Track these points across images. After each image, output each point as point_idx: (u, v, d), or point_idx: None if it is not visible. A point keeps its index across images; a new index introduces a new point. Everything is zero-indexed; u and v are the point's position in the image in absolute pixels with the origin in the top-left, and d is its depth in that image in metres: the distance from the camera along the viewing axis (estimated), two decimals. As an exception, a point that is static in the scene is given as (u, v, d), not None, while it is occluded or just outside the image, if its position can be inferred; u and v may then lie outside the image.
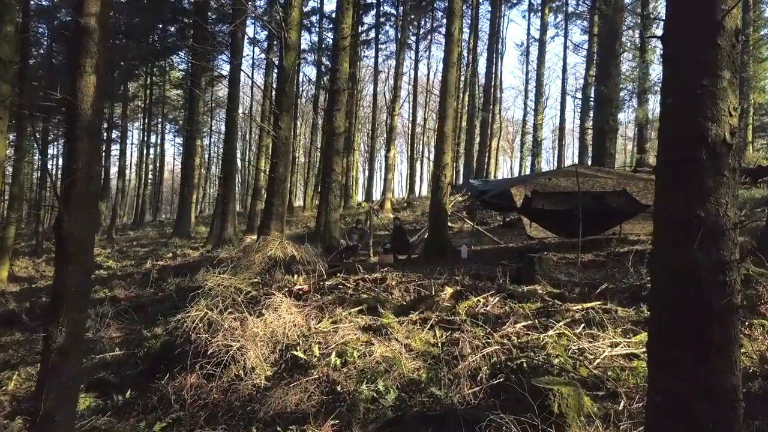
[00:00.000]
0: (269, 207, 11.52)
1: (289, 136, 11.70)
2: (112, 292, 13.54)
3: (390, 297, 6.88)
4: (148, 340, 7.92)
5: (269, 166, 11.82)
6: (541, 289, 7.25)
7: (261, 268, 7.26)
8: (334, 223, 13.82)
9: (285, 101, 11.55)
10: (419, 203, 24.47)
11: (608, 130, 13.16)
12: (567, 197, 10.05)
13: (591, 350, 5.38)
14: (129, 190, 51.74)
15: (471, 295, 6.97)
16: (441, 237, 11.05)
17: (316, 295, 7.25)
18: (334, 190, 13.75)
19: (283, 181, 11.54)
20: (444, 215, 11.13)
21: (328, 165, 13.83)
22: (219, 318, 6.40)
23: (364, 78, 43.60)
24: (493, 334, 5.90)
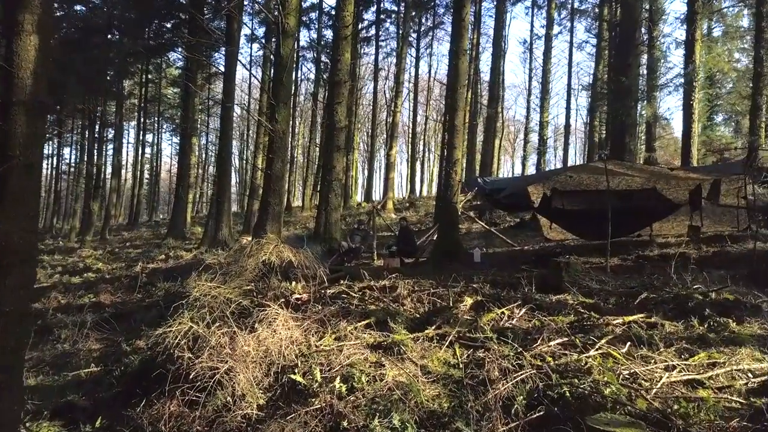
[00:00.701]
0: (265, 206, 10.65)
1: (287, 130, 10.83)
2: (97, 297, 12.68)
3: (401, 309, 6.02)
4: (128, 355, 7.05)
5: (265, 162, 10.96)
6: (572, 299, 6.40)
7: (254, 274, 6.39)
8: (335, 224, 12.95)
9: (282, 92, 10.69)
10: (422, 203, 23.63)
11: (628, 124, 12.31)
12: (590, 196, 9.22)
13: (644, 375, 4.52)
14: (125, 190, 50.79)
15: (493, 306, 6.11)
16: (452, 239, 10.19)
17: (316, 306, 6.38)
18: (334, 188, 12.88)
19: (280, 178, 10.68)
20: (455, 215, 10.28)
21: (328, 162, 12.96)
22: (205, 332, 5.54)
23: (364, 76, 42.80)
24: (523, 354, 5.03)
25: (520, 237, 12.53)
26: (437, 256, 10.10)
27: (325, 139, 13.46)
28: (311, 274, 7.16)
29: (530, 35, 34.36)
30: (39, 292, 13.85)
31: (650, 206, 8.83)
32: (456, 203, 10.20)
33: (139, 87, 39.90)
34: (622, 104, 12.23)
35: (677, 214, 9.20)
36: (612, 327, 5.56)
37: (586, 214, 9.24)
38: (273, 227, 10.58)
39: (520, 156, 51.81)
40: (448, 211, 10.19)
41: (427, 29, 39.00)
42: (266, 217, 10.56)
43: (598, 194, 8.98)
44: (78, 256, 23.41)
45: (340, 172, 13.20)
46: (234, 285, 6.11)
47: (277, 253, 6.20)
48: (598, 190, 9.06)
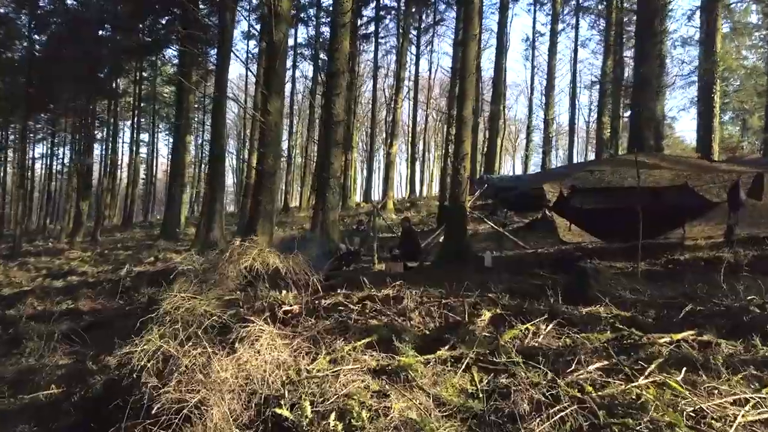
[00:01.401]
0: (256, 205, 9.78)
1: (280, 122, 9.95)
2: (76, 303, 11.80)
3: (408, 324, 5.13)
4: (94, 375, 6.16)
5: (256, 157, 10.08)
6: (605, 312, 5.52)
7: (237, 283, 5.51)
8: (333, 224, 12.07)
9: (275, 81, 9.82)
10: (423, 203, 22.76)
11: (647, 118, 11.45)
12: (613, 194, 8.36)
13: (713, 412, 3.64)
14: (120, 190, 49.84)
15: (515, 320, 5.23)
16: (460, 241, 9.32)
17: (308, 320, 5.50)
18: (332, 186, 12.00)
19: (272, 174, 9.80)
20: (463, 215, 9.40)
21: (325, 158, 12.09)
22: (177, 351, 4.66)
23: (363, 74, 41.95)
24: (557, 381, 4.15)
25: (532, 239, 11.66)
26: (444, 259, 9.23)
27: (322, 134, 12.56)
28: (303, 282, 6.27)
29: (533, 32, 33.55)
30: (16, 298, 12.98)
31: (682, 204, 7.96)
32: (465, 202, 9.33)
33: (133, 85, 39.04)
34: (641, 96, 11.36)
35: (711, 214, 8.33)
36: (658, 347, 4.68)
37: (609, 213, 8.39)
38: (264, 228, 9.71)
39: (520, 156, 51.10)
40: (456, 210, 9.32)
41: (428, 26, 38.20)
42: (257, 217, 9.69)
43: (622, 192, 8.12)
44: (66, 257, 22.55)
45: (338, 170, 12.32)
46: (212, 296, 5.23)
47: (262, 259, 5.31)
48: (623, 188, 8.20)
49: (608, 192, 8.37)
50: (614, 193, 8.27)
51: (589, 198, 8.46)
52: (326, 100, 12.21)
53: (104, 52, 29.76)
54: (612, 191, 8.37)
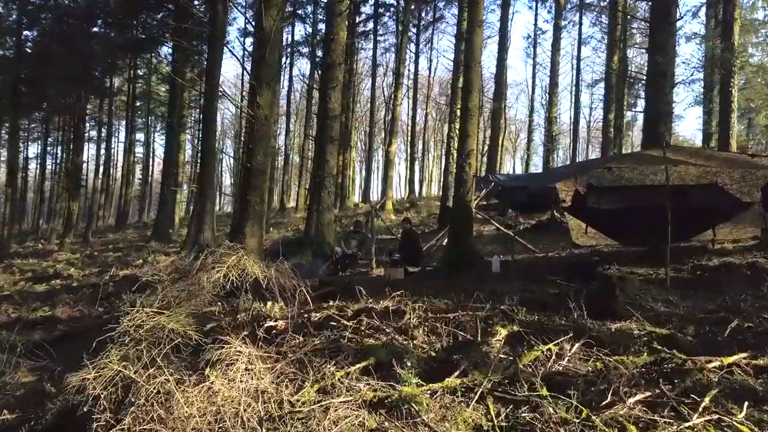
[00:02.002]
0: (244, 206, 9.04)
1: (270, 116, 9.22)
2: (54, 310, 11.06)
3: (410, 344, 4.40)
4: (53, 398, 5.43)
5: (245, 154, 9.38)
6: (638, 329, 4.78)
7: (213, 295, 4.77)
8: (328, 226, 11.34)
9: (265, 71, 9.08)
10: (423, 204, 22.03)
11: (663, 112, 10.73)
12: (634, 193, 7.63)
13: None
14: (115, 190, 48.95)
15: (535, 339, 4.50)
16: (465, 245, 8.58)
17: (295, 337, 4.76)
18: (327, 185, 11.27)
19: (262, 172, 9.06)
20: (468, 216, 8.67)
21: (320, 155, 11.36)
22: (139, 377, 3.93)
23: (361, 72, 41.23)
24: (591, 418, 3.43)
25: (541, 241, 10.93)
26: (448, 264, 8.50)
27: (317, 130, 11.85)
28: (291, 292, 5.53)
29: (534, 29, 32.88)
30: (-10, 304, 12.23)
31: (711, 204, 7.24)
32: (470, 202, 8.59)
33: (128, 83, 38.24)
34: (658, 89, 10.64)
35: (741, 215, 7.60)
36: (707, 373, 3.95)
37: (628, 214, 7.66)
38: (254, 230, 8.97)
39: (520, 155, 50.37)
40: (461, 211, 8.59)
41: (428, 24, 37.53)
42: (245, 218, 8.94)
43: (644, 190, 7.40)
44: (54, 259, 21.79)
45: (333, 168, 11.59)
46: (184, 311, 4.49)
47: (242, 267, 4.57)
48: (644, 186, 7.47)
49: (628, 190, 7.63)
50: (635, 191, 7.54)
51: (607, 197, 7.72)
52: (321, 93, 11.47)
53: (96, 48, 28.96)
54: (632, 190, 7.63)
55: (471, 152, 8.59)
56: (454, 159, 14.84)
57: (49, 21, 25.95)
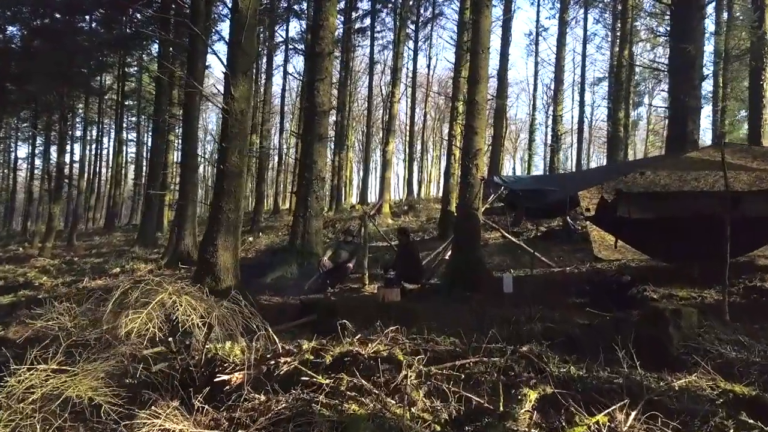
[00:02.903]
0: (215, 213, 7.85)
1: (248, 110, 8.02)
2: (7, 330, 9.84)
3: (406, 413, 3.19)
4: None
5: (217, 154, 8.19)
6: (709, 385, 3.59)
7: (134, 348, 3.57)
8: (316, 235, 10.15)
9: (241, 58, 7.89)
10: (422, 207, 20.83)
11: (691, 108, 9.56)
12: (673, 201, 6.45)
13: None
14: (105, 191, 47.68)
15: (575, 404, 3.29)
16: (472, 260, 7.39)
17: (255, 397, 3.56)
18: (316, 189, 10.08)
19: (237, 175, 7.86)
20: (475, 226, 7.48)
21: (308, 155, 10.16)
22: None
23: (358, 70, 40.08)
24: None
25: (555, 252, 9.74)
26: (452, 282, 7.31)
27: (303, 126, 10.66)
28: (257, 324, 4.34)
29: (536, 25, 31.76)
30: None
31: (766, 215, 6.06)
32: (478, 210, 7.40)
33: (117, 81, 37.01)
34: (685, 81, 9.47)
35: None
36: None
37: (664, 225, 6.48)
38: (227, 242, 7.77)
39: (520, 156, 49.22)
40: (467, 220, 7.39)
41: (426, 20, 36.39)
42: (217, 228, 7.74)
43: (685, 198, 6.21)
44: (30, 265, 20.55)
45: (323, 169, 10.40)
46: (98, 367, 3.29)
47: (173, 303, 3.37)
48: (684, 192, 6.29)
49: (664, 198, 6.46)
50: (673, 199, 6.37)
51: (639, 205, 6.56)
52: (308, 85, 10.28)
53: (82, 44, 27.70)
54: (670, 197, 6.46)
55: (478, 152, 7.40)
56: (457, 159, 13.67)
57: (27, 14, 24.64)
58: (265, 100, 25.10)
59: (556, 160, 23.91)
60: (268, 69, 25.74)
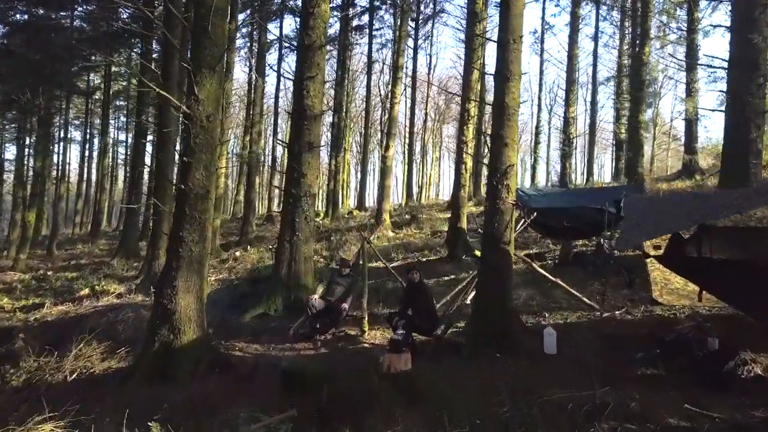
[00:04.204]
0: (175, 246, 6.19)
1: (216, 115, 6.37)
2: None
3: None
4: None
5: (177, 171, 6.56)
6: None
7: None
8: (305, 262, 8.50)
9: (207, 49, 6.24)
10: (425, 216, 19.14)
11: (755, 110, 7.95)
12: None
13: None
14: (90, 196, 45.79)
15: None
16: (502, 309, 5.73)
17: None
18: (305, 208, 8.44)
19: (202, 197, 6.20)
20: (507, 265, 5.82)
21: (296, 167, 8.51)
22: None
23: (356, 69, 38.42)
24: None
25: (591, 285, 8.08)
26: (476, 339, 5.64)
27: (290, 133, 9.01)
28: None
29: (542, 24, 30.06)
30: None
31: None
32: (509, 243, 5.75)
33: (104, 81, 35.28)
34: (743, 80, 7.87)
35: None
36: None
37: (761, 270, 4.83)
38: (189, 281, 6.12)
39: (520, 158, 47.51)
40: (496, 257, 5.73)
41: (427, 17, 34.79)
42: (177, 264, 6.08)
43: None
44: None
45: (313, 183, 8.74)
46: None
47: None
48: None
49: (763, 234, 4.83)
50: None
51: (727, 242, 4.94)
52: (297, 85, 8.63)
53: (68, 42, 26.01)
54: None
55: (510, 169, 5.74)
56: (468, 169, 12.02)
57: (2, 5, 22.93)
58: (254, 101, 23.41)
59: (568, 166, 22.29)
60: (260, 67, 24.04)
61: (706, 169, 24.54)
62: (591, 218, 8.78)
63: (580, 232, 9.22)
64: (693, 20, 24.74)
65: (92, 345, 7.71)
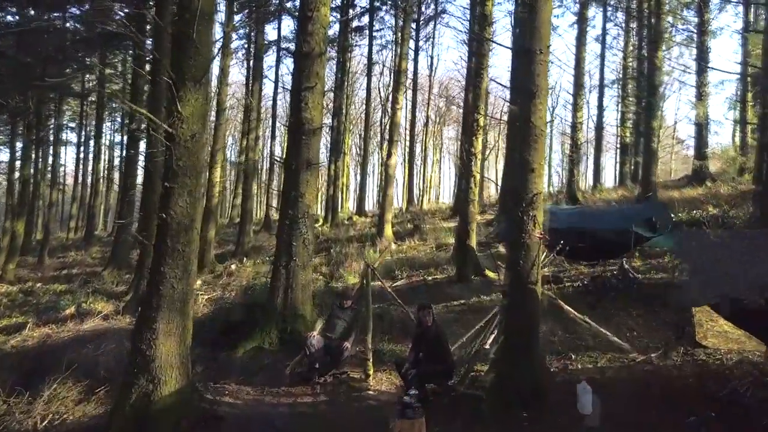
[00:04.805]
0: (155, 283, 5.47)
1: (203, 133, 5.65)
2: None
3: None
4: None
5: (159, 198, 5.84)
6: None
7: None
8: (303, 290, 7.77)
9: (193, 60, 5.51)
10: (428, 227, 18.36)
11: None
12: None
13: None
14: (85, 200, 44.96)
15: None
16: (529, 358, 4.99)
17: None
18: (303, 231, 7.71)
19: (187, 228, 5.47)
20: (535, 310, 5.09)
21: (293, 186, 7.77)
22: None
23: (356, 71, 37.72)
24: None
25: (616, 316, 7.34)
26: (500, 395, 4.91)
27: (286, 149, 8.29)
28: None
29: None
30: None
31: None
32: (537, 284, 5.01)
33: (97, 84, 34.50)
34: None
35: None
36: None
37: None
38: (171, 325, 5.38)
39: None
40: (522, 301, 5.00)
41: (428, 18, 34.11)
42: (157, 304, 5.36)
43: None
44: (-20, 297, 18.03)
45: (312, 202, 8.01)
46: None
47: None
48: None
49: None
50: None
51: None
52: (294, 96, 7.89)
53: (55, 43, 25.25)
54: None
55: (537, 198, 5.01)
56: (477, 183, 11.28)
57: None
58: (251, 107, 22.67)
59: (576, 173, 21.56)
60: (257, 71, 23.31)
61: (715, 174, 23.86)
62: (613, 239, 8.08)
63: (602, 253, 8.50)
64: (703, 22, 24.07)
65: (68, 384, 6.99)
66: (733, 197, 17.24)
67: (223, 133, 21.62)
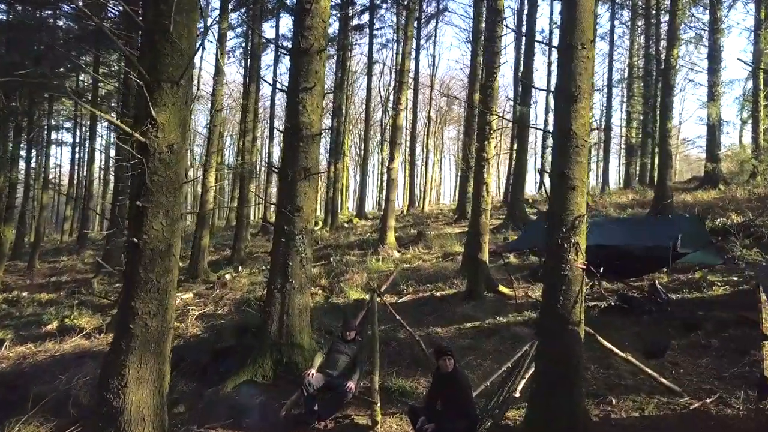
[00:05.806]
0: (124, 321, 4.66)
1: (182, 145, 4.82)
2: None
3: None
4: None
5: (130, 219, 4.98)
6: None
7: None
8: (300, 315, 6.93)
9: (170, 58, 4.70)
10: (433, 234, 17.53)
11: None
12: None
13: None
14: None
15: None
16: (571, 412, 4.15)
17: None
18: (299, 248, 6.89)
19: (163, 255, 4.68)
20: (578, 353, 4.26)
21: (289, 199, 6.93)
22: None
23: (356, 71, 36.94)
24: None
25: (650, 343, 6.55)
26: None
27: (281, 158, 7.46)
28: None
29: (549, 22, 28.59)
30: None
31: None
32: (580, 323, 4.19)
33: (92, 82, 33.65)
34: None
35: None
36: None
37: None
38: (143, 370, 4.56)
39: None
40: (564, 343, 4.18)
41: (429, 16, 33.39)
42: (127, 346, 4.54)
43: None
44: (-35, 306, 17.20)
45: (310, 216, 7.16)
46: None
47: None
48: None
49: None
50: None
51: None
52: (290, 98, 7.05)
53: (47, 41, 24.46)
54: None
55: (580, 221, 4.18)
56: (489, 191, 10.46)
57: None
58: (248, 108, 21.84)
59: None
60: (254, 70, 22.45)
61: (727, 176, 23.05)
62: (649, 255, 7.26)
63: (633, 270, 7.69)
64: (716, 20, 23.25)
65: (32, 425, 6.17)
66: (752, 202, 16.49)
67: (218, 135, 20.76)
